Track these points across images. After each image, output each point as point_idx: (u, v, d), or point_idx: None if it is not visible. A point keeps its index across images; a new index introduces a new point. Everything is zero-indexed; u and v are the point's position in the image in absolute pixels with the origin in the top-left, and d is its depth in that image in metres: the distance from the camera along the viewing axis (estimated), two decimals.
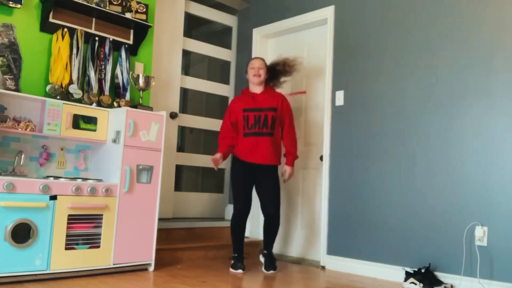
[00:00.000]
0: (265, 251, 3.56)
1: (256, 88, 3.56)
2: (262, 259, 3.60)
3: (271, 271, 3.43)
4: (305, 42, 4.36)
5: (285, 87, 4.47)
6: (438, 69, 3.29)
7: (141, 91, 3.47)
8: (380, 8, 3.67)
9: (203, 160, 4.66)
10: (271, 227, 3.54)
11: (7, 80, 2.88)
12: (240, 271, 3.39)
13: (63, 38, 3.19)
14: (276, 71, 3.65)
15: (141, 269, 3.22)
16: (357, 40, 3.79)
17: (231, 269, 3.43)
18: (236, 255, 3.50)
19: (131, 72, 3.58)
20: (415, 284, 3.04)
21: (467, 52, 3.15)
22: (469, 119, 3.11)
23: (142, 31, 3.66)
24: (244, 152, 3.48)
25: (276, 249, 4.34)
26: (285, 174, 3.55)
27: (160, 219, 3.60)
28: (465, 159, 3.09)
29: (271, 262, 3.49)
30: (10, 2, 3.01)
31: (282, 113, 3.53)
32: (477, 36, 3.12)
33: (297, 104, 4.36)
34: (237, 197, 3.51)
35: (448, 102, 3.21)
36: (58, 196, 2.80)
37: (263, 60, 3.63)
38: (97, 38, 3.39)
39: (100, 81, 3.40)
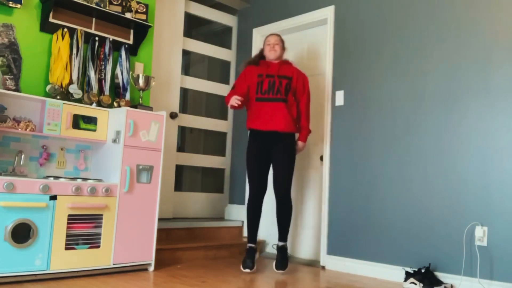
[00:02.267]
0: (279, 244, 3.46)
1: (272, 61, 3.56)
2: (276, 252, 3.50)
3: (280, 271, 3.38)
4: (305, 42, 4.36)
5: None
6: (438, 69, 3.28)
7: (141, 91, 3.47)
8: (379, 8, 3.67)
9: (203, 160, 4.66)
10: (282, 210, 3.44)
11: (7, 80, 2.88)
12: (247, 270, 3.34)
13: (63, 38, 3.19)
14: None
15: (141, 269, 3.22)
16: (357, 40, 3.79)
17: (241, 267, 3.38)
18: (250, 246, 3.41)
19: (131, 72, 3.58)
20: (415, 284, 3.04)
21: (465, 51, 3.15)
22: (469, 119, 3.11)
23: (142, 31, 3.66)
24: (258, 119, 3.41)
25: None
26: (297, 147, 3.53)
27: (160, 219, 3.61)
28: (465, 159, 3.09)
29: (283, 259, 3.41)
30: (10, 2, 3.01)
31: (297, 84, 3.50)
32: (475, 35, 3.12)
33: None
34: (252, 178, 3.45)
35: (448, 101, 3.21)
36: (58, 196, 2.80)
37: (279, 36, 3.62)
38: (97, 38, 3.39)
39: (100, 81, 3.40)
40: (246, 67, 3.59)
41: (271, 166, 3.50)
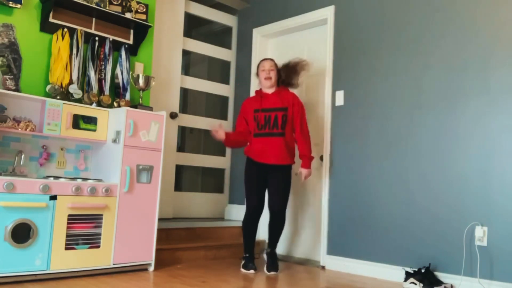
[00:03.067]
0: (268, 250, 3.55)
1: (267, 89, 3.56)
2: (265, 257, 3.58)
3: (273, 272, 3.42)
4: (305, 42, 4.36)
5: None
6: (438, 69, 3.28)
7: (141, 91, 3.47)
8: (379, 8, 3.67)
9: (203, 160, 4.66)
10: (275, 224, 3.51)
11: (7, 80, 2.88)
12: (252, 271, 3.40)
13: (63, 38, 3.19)
14: (288, 71, 3.59)
15: (141, 269, 3.22)
16: (357, 40, 3.79)
17: (242, 269, 3.43)
18: (247, 255, 3.49)
19: (131, 72, 3.58)
20: (415, 284, 3.04)
21: (465, 51, 3.15)
22: (469, 119, 3.11)
23: (142, 31, 3.66)
24: (256, 152, 3.46)
25: (278, 249, 4.34)
26: (301, 175, 3.50)
27: (160, 219, 3.61)
28: (465, 159, 3.09)
29: (274, 262, 3.48)
30: (10, 2, 3.01)
31: (293, 113, 3.49)
32: (475, 35, 3.12)
33: None
34: (249, 196, 3.49)
35: (448, 101, 3.21)
36: (58, 196, 2.80)
37: (273, 61, 3.59)
38: (97, 38, 3.39)
39: (100, 81, 3.40)
40: (243, 105, 3.63)
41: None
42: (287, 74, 3.58)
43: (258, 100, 3.54)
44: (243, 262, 3.49)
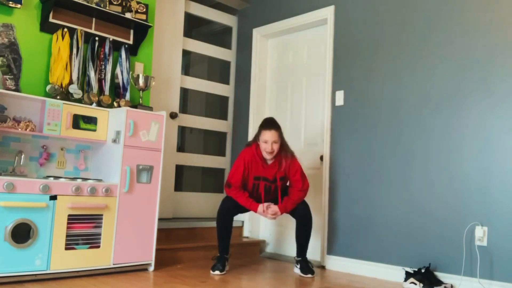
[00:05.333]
0: (299, 258, 3.45)
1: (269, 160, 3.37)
2: (296, 269, 3.46)
3: (309, 275, 3.34)
4: (305, 42, 4.36)
5: (283, 90, 4.49)
6: (438, 69, 3.28)
7: (141, 91, 3.47)
8: (380, 8, 3.67)
9: (203, 160, 4.66)
10: (303, 228, 3.41)
11: (7, 80, 2.88)
12: (217, 272, 3.23)
13: (63, 38, 3.19)
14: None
15: (141, 269, 3.22)
16: (357, 40, 3.79)
17: (211, 271, 3.26)
18: (225, 255, 3.35)
19: (131, 72, 3.58)
20: (415, 284, 3.04)
21: (467, 51, 3.15)
22: (469, 119, 3.10)
23: (142, 31, 3.66)
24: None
25: (277, 249, 4.35)
26: (270, 209, 3.30)
27: (160, 219, 3.60)
28: (465, 159, 3.09)
29: (307, 266, 3.39)
30: (10, 2, 3.01)
31: (291, 176, 3.37)
32: (477, 35, 3.12)
33: (297, 104, 4.36)
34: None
35: (448, 101, 3.21)
36: (58, 196, 2.80)
37: (278, 131, 3.29)
38: (97, 38, 3.39)
39: (100, 81, 3.39)
40: (245, 160, 3.33)
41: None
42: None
43: (260, 167, 3.33)
44: (214, 263, 3.32)
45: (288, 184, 3.48)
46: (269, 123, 3.35)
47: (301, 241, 3.45)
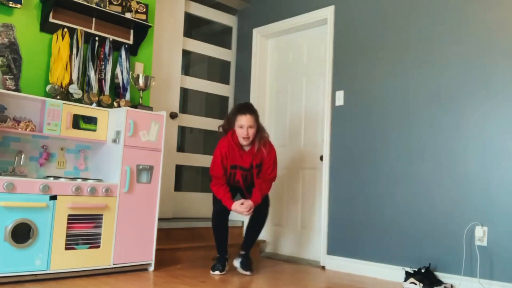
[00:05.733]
0: (243, 252, 3.39)
1: (244, 145, 3.31)
2: (236, 263, 3.37)
3: (248, 272, 3.29)
4: (305, 42, 4.36)
5: (283, 90, 4.49)
6: (438, 69, 3.28)
7: (141, 91, 3.47)
8: (380, 8, 3.67)
9: (203, 160, 4.66)
10: (257, 222, 3.37)
11: (7, 80, 2.88)
12: (217, 272, 3.24)
13: (63, 38, 3.19)
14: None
15: (141, 269, 3.22)
16: (357, 40, 3.79)
17: (211, 272, 3.27)
18: (225, 256, 3.35)
19: (131, 72, 3.58)
20: (415, 284, 3.04)
21: (468, 51, 3.15)
22: (469, 119, 3.10)
23: (142, 31, 3.66)
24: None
25: (277, 249, 4.35)
26: (246, 204, 3.22)
27: (160, 219, 3.60)
28: (465, 159, 3.09)
29: (249, 262, 3.35)
30: (10, 2, 3.01)
31: (266, 163, 3.32)
32: (479, 35, 3.11)
33: (297, 104, 4.36)
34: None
35: (447, 102, 3.21)
36: (58, 196, 2.80)
37: (253, 115, 3.23)
38: (97, 38, 3.39)
39: (100, 81, 3.39)
40: (221, 151, 3.26)
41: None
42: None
43: (237, 155, 3.27)
44: (214, 263, 3.31)
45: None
46: (244, 108, 3.28)
47: (251, 236, 3.41)
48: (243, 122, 3.19)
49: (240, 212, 3.24)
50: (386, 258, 3.40)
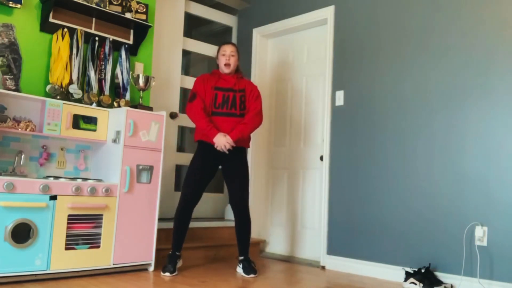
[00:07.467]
0: (241, 257, 3.35)
1: (225, 72, 3.38)
2: (239, 269, 3.35)
3: (252, 275, 3.24)
4: (305, 42, 4.37)
5: (283, 90, 4.49)
6: (438, 69, 3.29)
7: (141, 91, 3.47)
8: (379, 8, 3.67)
9: None
10: (244, 225, 3.34)
11: (7, 80, 2.88)
12: (167, 274, 3.10)
13: (63, 38, 3.19)
14: None
15: (141, 269, 3.22)
16: (357, 40, 3.79)
17: (161, 273, 3.13)
18: (177, 253, 3.24)
19: (131, 72, 3.58)
20: (415, 284, 3.04)
21: (467, 51, 3.15)
22: (469, 119, 3.10)
23: (142, 31, 3.66)
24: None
25: (277, 248, 4.35)
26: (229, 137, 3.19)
27: (160, 219, 3.60)
28: (465, 159, 3.09)
29: (250, 265, 3.30)
30: (10, 2, 3.01)
31: (250, 95, 3.36)
32: (477, 35, 3.12)
33: (297, 104, 4.37)
34: (189, 185, 3.28)
35: (448, 101, 3.21)
36: (58, 196, 2.80)
37: (235, 46, 3.45)
38: (97, 38, 3.39)
39: (100, 81, 3.40)
40: (198, 81, 3.37)
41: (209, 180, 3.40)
42: None
43: (215, 78, 3.36)
44: (165, 264, 3.18)
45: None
46: (228, 41, 3.57)
47: (243, 240, 3.35)
48: (226, 49, 3.40)
49: (222, 144, 3.16)
50: (386, 258, 3.40)
